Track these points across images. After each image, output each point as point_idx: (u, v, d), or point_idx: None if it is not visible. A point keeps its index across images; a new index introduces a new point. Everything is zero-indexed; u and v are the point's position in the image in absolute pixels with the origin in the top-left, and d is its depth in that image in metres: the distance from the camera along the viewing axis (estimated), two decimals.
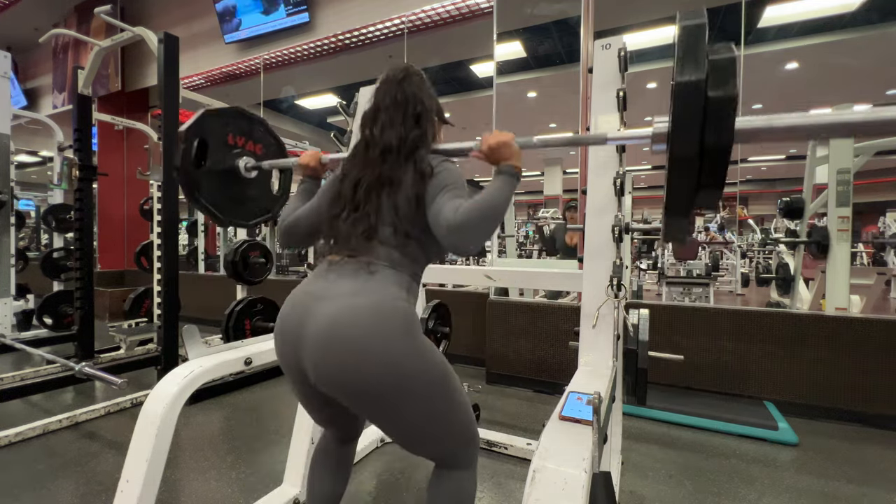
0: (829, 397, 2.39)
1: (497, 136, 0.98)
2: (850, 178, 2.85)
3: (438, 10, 3.90)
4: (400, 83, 1.04)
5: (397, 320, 0.87)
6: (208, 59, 5.40)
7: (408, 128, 1.00)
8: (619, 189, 1.42)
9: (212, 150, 1.52)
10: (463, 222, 0.86)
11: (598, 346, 1.40)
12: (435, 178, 0.95)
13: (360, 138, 1.06)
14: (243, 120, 1.67)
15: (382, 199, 0.96)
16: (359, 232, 0.94)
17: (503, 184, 0.94)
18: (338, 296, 0.89)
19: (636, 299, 3.94)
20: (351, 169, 1.03)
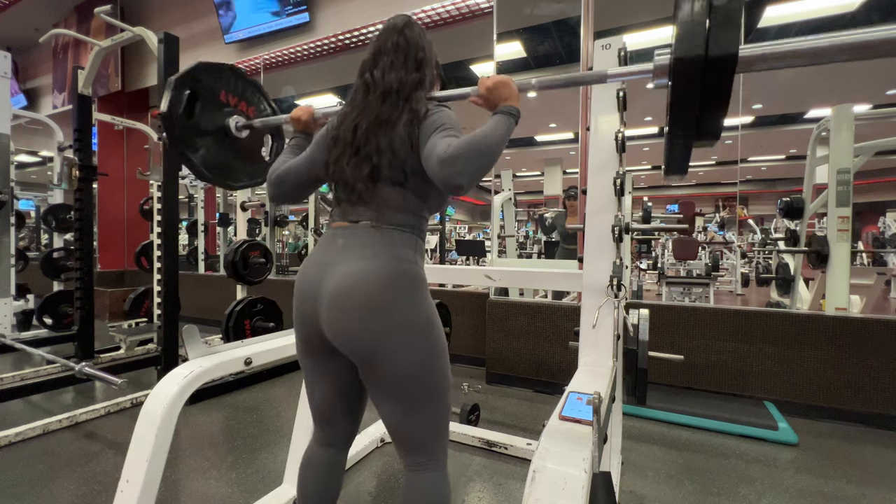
0: (829, 397, 2.39)
1: (494, 78, 0.97)
2: (850, 178, 2.85)
3: (438, 10, 3.90)
4: (402, 30, 1.03)
5: (409, 281, 0.93)
6: (208, 58, 5.36)
7: (408, 71, 1.00)
8: (619, 189, 1.42)
9: (202, 104, 1.48)
10: (455, 154, 0.83)
11: (598, 346, 1.40)
12: (428, 119, 0.94)
13: (358, 83, 1.05)
14: (238, 80, 1.63)
15: (381, 140, 0.95)
16: (364, 174, 0.95)
17: (499, 122, 0.91)
18: (349, 259, 0.93)
19: (636, 299, 3.94)
20: (349, 113, 1.02)
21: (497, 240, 4.24)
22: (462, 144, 0.84)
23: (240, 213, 3.55)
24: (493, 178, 4.56)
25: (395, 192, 0.97)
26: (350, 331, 0.91)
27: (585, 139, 2.88)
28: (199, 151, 1.50)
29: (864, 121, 3.05)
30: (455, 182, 0.85)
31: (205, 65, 1.51)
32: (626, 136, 1.46)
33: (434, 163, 0.87)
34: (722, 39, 0.65)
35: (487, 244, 6.10)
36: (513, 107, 0.94)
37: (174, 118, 1.41)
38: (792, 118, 7.79)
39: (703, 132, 0.69)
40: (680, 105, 0.67)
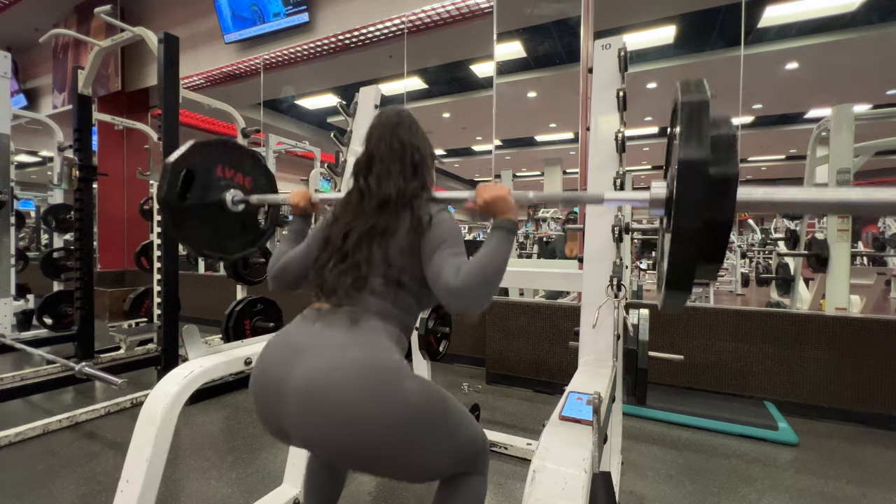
0: (829, 397, 2.39)
1: (492, 191, 0.94)
2: (850, 178, 2.85)
3: (438, 10, 3.90)
4: (394, 129, 1.01)
5: (387, 378, 0.82)
6: (208, 59, 5.40)
7: (406, 178, 0.98)
8: (618, 189, 1.42)
9: (198, 181, 1.50)
10: (464, 287, 0.83)
11: (598, 346, 1.40)
12: (433, 231, 0.92)
13: (352, 186, 1.03)
14: (234, 152, 1.64)
15: (374, 249, 0.93)
16: (347, 283, 0.91)
17: (501, 241, 0.90)
18: (323, 348, 0.85)
19: (636, 299, 3.94)
20: (342, 216, 1.00)
21: None
22: (469, 275, 0.84)
23: None
24: (493, 178, 4.56)
25: (388, 291, 0.93)
26: (319, 440, 0.82)
27: (585, 139, 2.88)
28: (198, 231, 1.53)
29: (864, 121, 3.05)
30: (470, 312, 0.86)
31: (199, 144, 1.53)
32: (626, 136, 1.46)
33: (443, 291, 0.86)
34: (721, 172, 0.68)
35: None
36: (510, 221, 0.93)
37: (173, 205, 1.43)
38: (792, 118, 7.79)
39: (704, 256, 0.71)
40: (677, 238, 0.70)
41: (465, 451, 0.93)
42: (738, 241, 7.83)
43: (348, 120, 2.04)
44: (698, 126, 0.69)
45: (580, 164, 2.94)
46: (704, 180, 0.67)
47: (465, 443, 0.93)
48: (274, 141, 4.66)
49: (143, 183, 4.89)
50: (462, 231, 0.96)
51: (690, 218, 0.68)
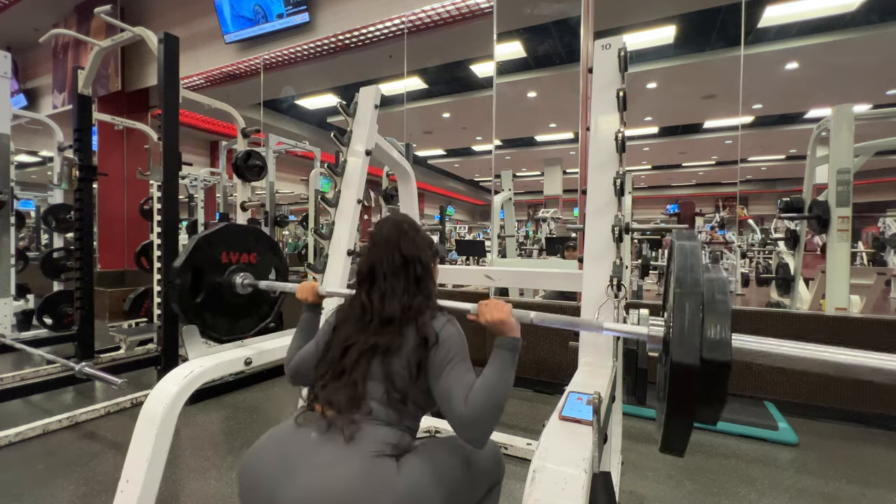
0: (829, 397, 2.39)
1: (494, 312, 0.94)
2: (850, 178, 2.85)
3: (438, 10, 3.90)
4: (396, 245, 1.00)
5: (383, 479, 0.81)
6: (208, 59, 5.40)
7: (410, 294, 0.98)
8: (619, 189, 1.42)
9: (207, 274, 1.56)
10: (474, 418, 0.85)
11: (598, 346, 1.40)
12: (440, 348, 0.92)
13: (355, 297, 1.02)
14: (235, 235, 1.69)
15: (373, 367, 0.93)
16: (342, 402, 0.90)
17: (506, 365, 0.91)
18: (315, 468, 0.82)
19: (636, 299, 3.94)
20: (343, 327, 1.00)
21: (497, 240, 4.25)
22: (479, 405, 0.85)
23: (240, 213, 3.55)
24: (494, 178, 4.56)
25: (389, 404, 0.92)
26: None
27: (585, 139, 2.88)
28: (215, 322, 1.59)
29: (864, 121, 3.05)
30: (477, 443, 0.87)
31: (203, 238, 1.58)
32: (626, 136, 1.46)
33: (453, 418, 0.87)
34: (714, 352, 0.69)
35: (487, 244, 6.10)
36: (514, 340, 0.93)
37: (186, 304, 1.50)
38: (792, 118, 7.79)
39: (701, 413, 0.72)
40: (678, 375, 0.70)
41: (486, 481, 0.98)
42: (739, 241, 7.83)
43: (348, 120, 2.04)
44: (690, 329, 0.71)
45: (580, 164, 2.94)
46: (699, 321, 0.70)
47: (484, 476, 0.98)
48: (274, 141, 4.65)
49: (143, 183, 4.89)
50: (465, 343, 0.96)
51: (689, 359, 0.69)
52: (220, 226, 1.65)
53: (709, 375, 0.68)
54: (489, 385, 0.87)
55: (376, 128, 2.03)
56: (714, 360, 0.68)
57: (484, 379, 0.88)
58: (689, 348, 0.68)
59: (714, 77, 5.68)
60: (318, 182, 4.88)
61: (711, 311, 0.71)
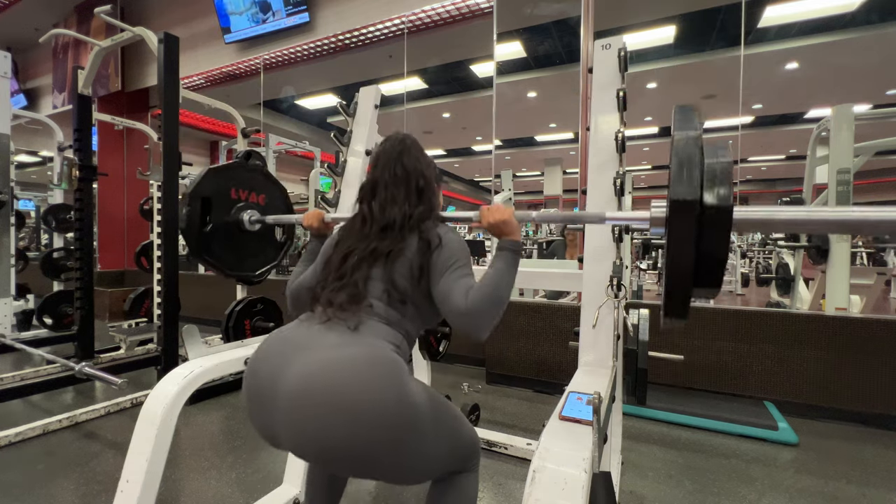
0: (829, 397, 2.39)
1: (496, 213, 0.96)
2: (850, 178, 2.85)
3: (438, 10, 3.90)
4: (399, 157, 1.02)
5: (385, 372, 0.80)
6: (208, 59, 5.40)
7: (412, 203, 0.99)
8: (619, 189, 1.42)
9: (215, 206, 1.57)
10: (473, 311, 0.85)
11: (598, 346, 1.40)
12: (442, 251, 0.93)
13: (357, 211, 1.04)
14: (246, 173, 1.71)
15: (374, 271, 0.94)
16: (343, 300, 0.91)
17: (507, 264, 0.92)
18: (321, 346, 0.83)
19: (636, 299, 3.94)
20: (344, 239, 1.01)
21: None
22: (479, 300, 0.85)
23: None
24: (494, 178, 4.56)
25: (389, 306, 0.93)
26: (315, 444, 0.77)
27: (585, 139, 2.88)
28: (219, 253, 1.61)
29: (864, 121, 3.05)
30: (477, 336, 0.87)
31: (213, 170, 1.60)
32: (626, 136, 1.46)
33: (452, 313, 0.87)
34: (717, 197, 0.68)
35: (487, 244, 6.10)
36: (515, 242, 0.95)
37: (192, 231, 1.51)
38: (792, 118, 7.79)
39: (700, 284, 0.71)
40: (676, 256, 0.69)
41: (461, 450, 0.94)
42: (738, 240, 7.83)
43: (348, 120, 2.04)
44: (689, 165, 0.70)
45: (580, 164, 2.94)
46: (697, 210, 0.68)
47: (461, 443, 0.94)
48: (274, 141, 4.66)
49: (143, 183, 4.89)
50: (468, 251, 0.97)
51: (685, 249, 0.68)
52: (229, 163, 1.67)
53: (709, 218, 0.66)
54: (490, 281, 0.89)
55: (376, 128, 2.03)
56: (715, 204, 0.66)
57: (485, 276, 0.90)
58: (689, 187, 0.67)
59: (714, 77, 5.67)
60: (318, 182, 4.88)
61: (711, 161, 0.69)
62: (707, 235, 0.68)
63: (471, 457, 0.97)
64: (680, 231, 0.68)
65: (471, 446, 0.97)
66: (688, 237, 0.68)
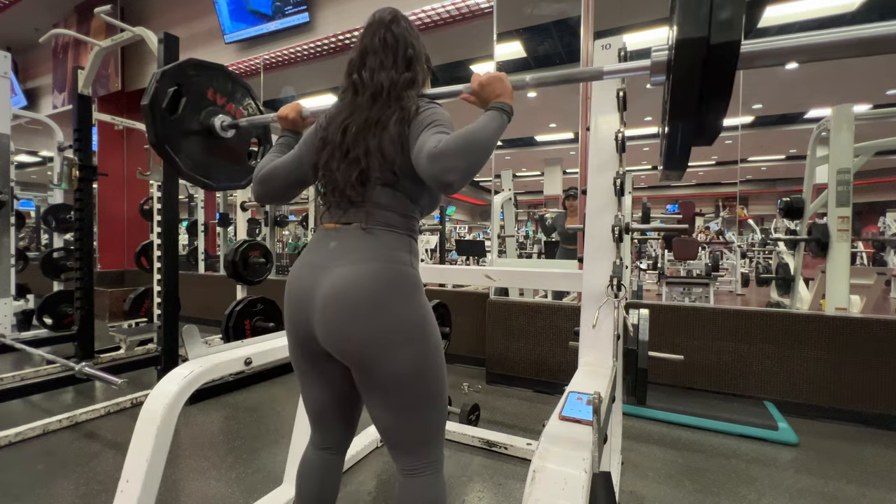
0: (829, 397, 2.39)
1: (488, 73, 0.96)
2: (850, 178, 2.85)
3: (438, 10, 3.90)
4: (388, 25, 1.01)
5: (403, 282, 0.91)
6: (208, 58, 5.34)
7: (399, 70, 0.97)
8: (619, 189, 1.42)
9: (188, 100, 1.45)
10: (444, 150, 0.79)
11: (598, 346, 1.40)
12: (419, 116, 0.91)
13: (346, 83, 1.02)
14: (228, 80, 1.61)
15: (370, 142, 0.93)
16: (353, 177, 0.93)
17: (491, 117, 0.88)
18: (341, 263, 0.91)
19: (636, 299, 3.94)
20: (338, 114, 1.00)
21: (497, 240, 4.24)
22: (452, 140, 0.80)
23: (240, 213, 3.55)
24: (494, 178, 4.56)
25: (386, 193, 0.95)
26: (344, 332, 0.90)
27: (585, 139, 2.88)
28: (182, 149, 1.48)
29: (864, 121, 3.05)
30: (445, 179, 0.81)
31: (195, 61, 1.49)
32: (626, 136, 1.46)
33: (423, 159, 0.83)
34: (723, 31, 0.63)
35: (487, 244, 6.09)
36: (506, 103, 0.92)
37: (157, 111, 1.38)
38: (792, 118, 7.79)
39: (702, 130, 0.68)
40: (679, 102, 0.65)
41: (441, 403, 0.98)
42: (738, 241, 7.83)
43: None
44: None
45: (580, 164, 2.94)
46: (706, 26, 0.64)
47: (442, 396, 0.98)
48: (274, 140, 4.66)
49: (143, 183, 4.89)
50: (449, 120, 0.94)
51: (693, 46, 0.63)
52: (216, 63, 1.58)
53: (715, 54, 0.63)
54: (468, 129, 0.83)
55: None
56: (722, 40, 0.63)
57: (465, 127, 0.84)
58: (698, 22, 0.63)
59: None
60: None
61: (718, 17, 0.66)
62: (711, 78, 0.63)
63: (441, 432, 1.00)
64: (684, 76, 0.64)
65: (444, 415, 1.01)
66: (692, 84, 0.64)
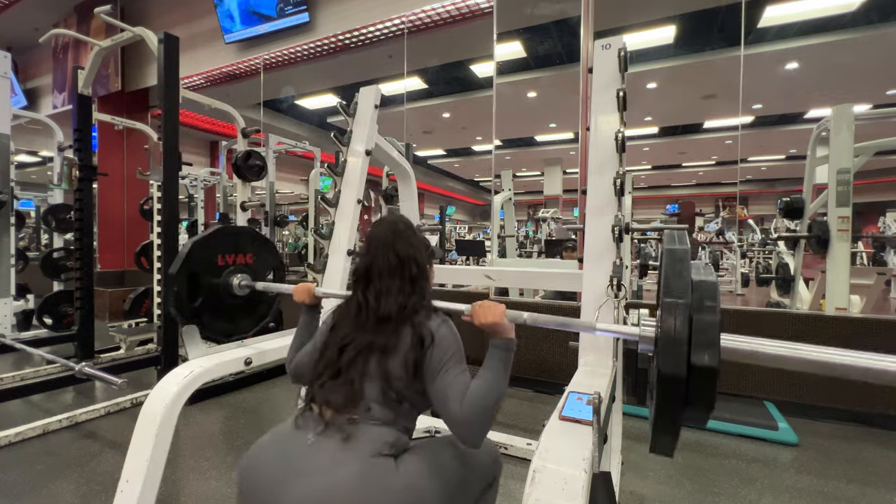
0: (829, 397, 2.39)
1: (488, 314, 0.95)
2: (850, 178, 2.85)
3: (438, 10, 3.90)
4: (392, 244, 1.01)
5: (377, 485, 0.81)
6: (208, 59, 5.40)
7: (406, 294, 0.98)
8: (619, 189, 1.42)
9: (203, 278, 1.56)
10: (469, 417, 0.86)
11: (598, 346, 1.40)
12: (435, 349, 0.92)
13: (352, 296, 1.04)
14: (229, 237, 1.70)
15: (370, 366, 0.93)
16: (339, 401, 0.91)
17: (501, 365, 0.93)
18: (316, 470, 0.83)
19: (636, 299, 3.94)
20: (340, 326, 1.01)
21: (497, 240, 4.25)
22: (474, 407, 0.86)
23: (240, 213, 3.56)
24: (494, 178, 4.56)
25: (385, 402, 0.93)
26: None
27: (585, 139, 2.88)
28: (215, 324, 1.59)
29: (864, 121, 3.05)
30: (472, 441, 0.88)
31: (197, 242, 1.58)
32: (626, 136, 1.46)
33: (449, 419, 0.88)
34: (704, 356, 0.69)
35: (487, 244, 6.10)
36: (508, 341, 0.96)
37: (186, 312, 1.50)
38: (792, 118, 7.79)
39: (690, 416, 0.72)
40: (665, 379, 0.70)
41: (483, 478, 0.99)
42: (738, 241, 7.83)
43: (348, 120, 2.04)
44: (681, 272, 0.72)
45: (580, 164, 2.94)
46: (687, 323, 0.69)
47: (481, 473, 0.99)
48: (274, 141, 4.65)
49: (143, 183, 4.89)
50: (460, 344, 0.98)
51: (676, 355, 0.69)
52: (212, 230, 1.65)
53: (696, 381, 0.68)
54: (485, 387, 0.89)
55: (376, 128, 2.03)
56: (701, 365, 0.67)
57: (480, 380, 0.89)
58: (676, 358, 0.68)
59: (714, 77, 5.67)
60: (318, 182, 4.88)
61: (700, 317, 0.70)
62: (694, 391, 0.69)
63: (494, 477, 1.03)
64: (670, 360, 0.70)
65: (491, 472, 1.02)
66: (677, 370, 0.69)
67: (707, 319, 0.69)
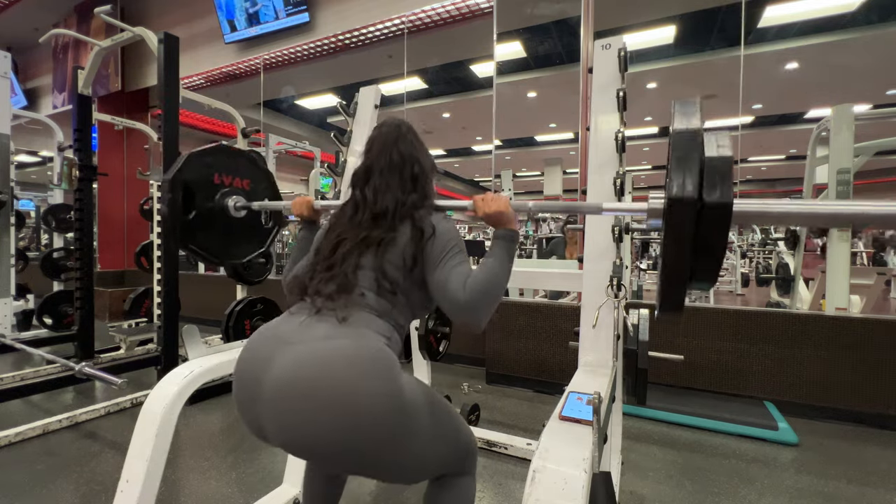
0: (829, 397, 2.39)
1: (492, 204, 0.94)
2: (850, 178, 2.85)
3: (438, 10, 3.90)
4: (395, 143, 1.00)
5: (375, 366, 0.78)
6: (208, 59, 5.40)
7: (405, 190, 0.97)
8: (619, 189, 1.42)
9: (198, 193, 1.52)
10: (471, 302, 0.84)
11: (598, 346, 1.40)
12: (436, 240, 0.91)
13: (349, 196, 1.02)
14: (228, 157, 1.66)
15: (364, 259, 0.91)
16: (331, 289, 0.89)
17: (504, 253, 0.92)
18: (309, 339, 0.81)
19: (636, 299, 3.94)
20: (335, 227, 1.00)
21: None
22: (477, 290, 0.84)
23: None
24: (494, 178, 4.56)
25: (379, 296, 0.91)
26: (302, 434, 0.75)
27: (585, 139, 2.88)
28: (204, 242, 1.55)
29: (864, 121, 3.05)
30: (475, 328, 0.87)
31: (194, 154, 1.54)
32: (626, 136, 1.46)
33: (449, 304, 0.87)
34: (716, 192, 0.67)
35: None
36: (511, 231, 0.95)
37: (176, 220, 1.45)
38: (792, 118, 7.79)
39: (695, 277, 0.71)
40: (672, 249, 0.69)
41: (458, 452, 0.94)
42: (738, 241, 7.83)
43: (348, 120, 2.04)
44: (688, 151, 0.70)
45: (580, 164, 2.94)
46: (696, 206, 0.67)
47: (458, 445, 0.94)
48: (274, 141, 4.66)
49: (143, 183, 4.89)
50: (461, 236, 0.96)
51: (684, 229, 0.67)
52: (213, 145, 1.62)
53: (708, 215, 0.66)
54: (487, 271, 0.88)
55: None
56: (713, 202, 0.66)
57: (483, 266, 0.89)
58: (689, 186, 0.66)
59: (714, 77, 5.67)
60: (318, 182, 4.88)
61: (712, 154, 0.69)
62: (706, 230, 0.67)
63: (467, 458, 0.97)
64: (677, 224, 0.67)
65: (467, 448, 0.97)
66: (685, 231, 0.67)
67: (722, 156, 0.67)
